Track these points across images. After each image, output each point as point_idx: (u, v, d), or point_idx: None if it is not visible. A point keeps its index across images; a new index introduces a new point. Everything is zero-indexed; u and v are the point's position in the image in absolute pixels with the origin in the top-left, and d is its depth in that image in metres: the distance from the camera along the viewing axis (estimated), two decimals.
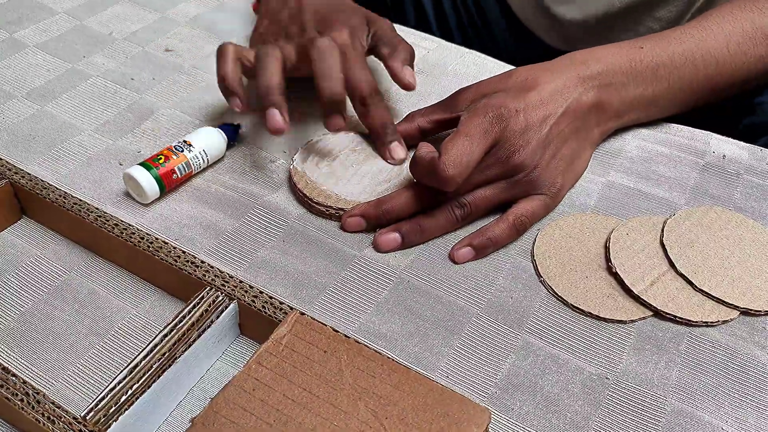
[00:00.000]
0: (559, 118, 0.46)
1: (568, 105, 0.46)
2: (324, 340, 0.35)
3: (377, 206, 0.45)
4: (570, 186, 0.49)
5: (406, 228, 0.45)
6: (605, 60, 0.49)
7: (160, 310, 0.42)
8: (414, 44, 0.64)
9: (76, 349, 0.39)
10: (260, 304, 0.38)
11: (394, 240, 0.45)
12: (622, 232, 0.45)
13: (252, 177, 0.50)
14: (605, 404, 0.37)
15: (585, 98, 0.47)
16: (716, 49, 0.51)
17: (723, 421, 0.36)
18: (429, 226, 0.45)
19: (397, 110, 0.57)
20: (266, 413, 0.32)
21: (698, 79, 0.51)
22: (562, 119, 0.46)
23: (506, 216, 0.45)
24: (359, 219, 0.46)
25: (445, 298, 0.42)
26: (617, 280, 0.43)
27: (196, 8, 0.69)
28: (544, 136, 0.45)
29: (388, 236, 0.45)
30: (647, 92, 0.50)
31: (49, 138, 0.53)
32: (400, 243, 0.45)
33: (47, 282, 0.43)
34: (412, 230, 0.45)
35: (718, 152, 0.53)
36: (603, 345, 0.40)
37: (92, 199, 0.47)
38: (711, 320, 0.41)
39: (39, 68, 0.60)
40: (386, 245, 0.45)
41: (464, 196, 0.45)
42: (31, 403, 0.34)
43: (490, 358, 0.39)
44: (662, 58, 0.50)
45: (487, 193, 0.45)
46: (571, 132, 0.47)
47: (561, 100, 0.46)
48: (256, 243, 0.45)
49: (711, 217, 0.46)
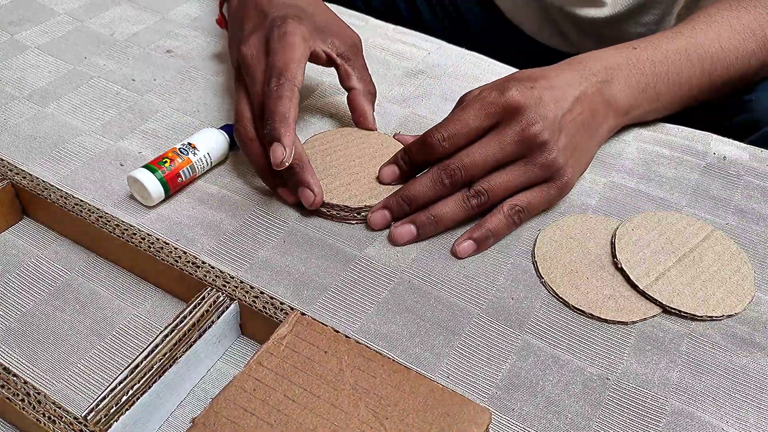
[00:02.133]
0: (571, 105, 0.46)
1: (577, 95, 0.46)
2: (325, 340, 0.35)
3: (396, 195, 0.45)
4: (577, 178, 0.48)
5: (422, 219, 0.45)
6: (604, 59, 0.49)
7: (161, 311, 0.42)
8: (414, 46, 0.65)
9: (77, 350, 0.39)
10: (261, 305, 0.38)
11: (409, 232, 0.45)
12: (627, 228, 0.45)
13: (253, 177, 0.50)
14: (606, 405, 0.37)
15: (590, 92, 0.47)
16: (709, 46, 0.51)
17: (723, 422, 0.36)
18: (444, 216, 0.45)
19: (398, 113, 0.57)
20: (267, 413, 0.32)
21: (696, 74, 0.51)
22: (574, 107, 0.46)
23: (501, 206, 0.45)
24: (383, 212, 0.45)
25: (445, 299, 0.42)
26: (623, 276, 0.43)
27: (197, 9, 0.69)
28: (559, 116, 0.44)
29: (403, 228, 0.45)
30: (649, 88, 0.50)
31: (51, 139, 0.53)
32: (415, 235, 0.45)
33: (48, 282, 0.43)
34: (428, 221, 0.45)
35: (719, 153, 0.53)
36: (604, 346, 0.40)
37: (93, 200, 0.47)
38: (716, 315, 0.41)
39: (40, 69, 0.60)
40: (401, 238, 0.45)
41: (481, 182, 0.44)
42: (32, 403, 0.34)
43: (491, 359, 0.39)
44: (657, 56, 0.50)
45: (504, 178, 0.44)
46: (582, 123, 0.47)
47: (570, 89, 0.46)
48: (256, 243, 0.45)
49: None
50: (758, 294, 0.43)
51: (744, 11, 0.53)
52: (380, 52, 0.64)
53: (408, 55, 0.64)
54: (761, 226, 0.47)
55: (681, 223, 0.46)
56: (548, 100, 0.44)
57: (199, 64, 0.61)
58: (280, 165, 0.43)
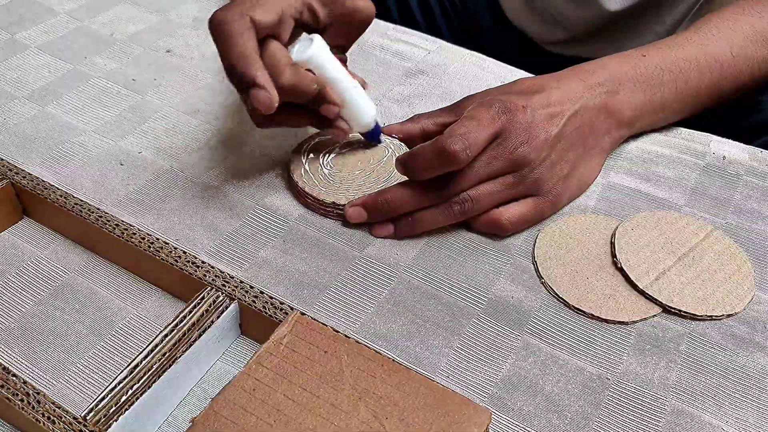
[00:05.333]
0: (567, 121, 0.45)
1: (575, 109, 0.46)
2: (324, 340, 0.35)
3: (377, 196, 0.45)
4: (574, 192, 0.48)
5: (401, 221, 0.45)
6: (610, 68, 0.49)
7: (160, 311, 0.42)
8: (415, 45, 0.65)
9: (76, 349, 0.39)
10: (261, 305, 0.38)
11: (387, 230, 0.45)
12: (627, 228, 0.45)
13: (252, 177, 0.50)
14: (605, 404, 0.37)
15: (593, 104, 0.47)
16: (719, 53, 0.51)
17: (723, 422, 0.36)
18: (423, 218, 0.45)
19: (398, 112, 0.57)
20: (266, 413, 0.32)
21: (704, 83, 0.51)
22: (570, 122, 0.46)
23: (489, 214, 0.45)
24: (359, 209, 0.45)
25: (445, 299, 0.42)
26: (623, 275, 0.43)
27: (198, 9, 0.69)
28: (551, 135, 0.44)
29: (381, 226, 0.45)
30: (655, 98, 0.50)
31: (51, 139, 0.53)
32: (392, 231, 0.45)
33: (48, 282, 0.43)
34: (406, 223, 0.45)
35: (718, 153, 0.53)
36: (603, 345, 0.40)
37: (93, 200, 0.47)
38: (716, 314, 0.41)
39: (40, 69, 0.60)
40: (379, 233, 0.46)
41: (467, 191, 0.44)
42: (32, 403, 0.34)
43: (491, 359, 0.39)
44: (666, 64, 0.50)
45: (489, 188, 0.44)
46: (578, 137, 0.47)
47: (568, 104, 0.46)
48: (256, 243, 0.45)
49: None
50: (758, 293, 0.43)
51: (757, 17, 0.52)
52: (380, 51, 0.64)
53: (408, 54, 0.64)
54: (761, 225, 0.47)
55: (680, 222, 0.46)
56: (540, 119, 0.44)
57: (199, 64, 0.61)
58: (271, 107, 0.41)
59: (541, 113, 0.44)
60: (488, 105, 0.44)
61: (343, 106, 0.46)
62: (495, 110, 0.43)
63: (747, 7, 0.53)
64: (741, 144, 0.54)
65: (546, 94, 0.46)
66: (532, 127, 0.44)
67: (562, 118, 0.45)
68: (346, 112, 0.47)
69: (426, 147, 0.42)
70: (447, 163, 0.41)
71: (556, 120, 0.45)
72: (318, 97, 0.44)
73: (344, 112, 0.46)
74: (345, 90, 0.46)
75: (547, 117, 0.45)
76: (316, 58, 0.44)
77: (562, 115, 0.45)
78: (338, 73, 0.45)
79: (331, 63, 0.45)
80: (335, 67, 0.45)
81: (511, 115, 0.43)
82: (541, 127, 0.44)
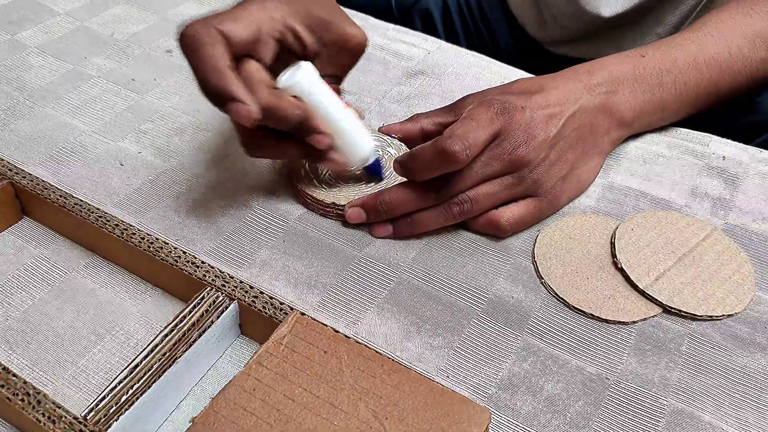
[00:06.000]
0: (565, 121, 0.45)
1: (574, 110, 0.46)
2: (324, 340, 0.35)
3: (376, 197, 0.45)
4: (573, 193, 0.48)
5: (399, 221, 0.45)
6: (609, 68, 0.49)
7: (160, 311, 0.42)
8: (415, 45, 0.65)
9: (76, 349, 0.39)
10: (260, 305, 0.38)
11: (385, 230, 0.45)
12: (627, 228, 0.45)
13: (252, 177, 0.50)
14: (605, 404, 0.37)
15: (592, 104, 0.47)
16: (718, 53, 0.51)
17: (723, 422, 0.36)
18: (422, 219, 0.45)
19: (398, 112, 0.57)
20: (266, 413, 0.32)
21: (703, 84, 0.51)
22: (568, 123, 0.46)
23: (487, 215, 0.45)
24: (359, 210, 0.45)
25: (445, 299, 0.42)
26: (623, 275, 0.43)
27: (198, 10, 0.69)
28: (550, 136, 0.44)
29: (380, 225, 0.45)
30: (654, 98, 0.50)
31: (50, 139, 0.53)
32: (391, 232, 0.45)
33: (48, 282, 0.43)
34: (404, 221, 0.45)
35: (718, 153, 0.53)
36: (603, 345, 0.40)
37: (93, 200, 0.47)
38: (716, 314, 0.41)
39: (40, 69, 0.60)
40: (378, 232, 0.46)
41: (466, 192, 0.44)
42: (32, 402, 0.34)
43: (491, 359, 0.39)
44: (665, 64, 0.50)
45: (488, 189, 0.44)
46: (577, 138, 0.47)
47: (567, 104, 0.46)
48: (256, 243, 0.45)
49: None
50: (758, 294, 0.43)
51: (757, 17, 0.52)
52: (380, 51, 0.64)
53: (408, 55, 0.64)
54: (761, 225, 0.47)
55: (681, 222, 0.46)
56: (538, 119, 0.44)
57: None
58: (253, 121, 0.39)
59: (540, 114, 0.44)
60: (487, 105, 0.44)
61: (336, 138, 0.43)
62: (494, 110, 0.43)
63: (746, 7, 0.53)
64: (741, 144, 0.54)
65: (545, 94, 0.46)
66: (531, 127, 0.44)
67: (561, 118, 0.45)
68: (340, 145, 0.44)
69: (425, 148, 0.42)
70: (446, 163, 0.41)
71: (555, 120, 0.45)
72: (305, 126, 0.42)
73: (338, 145, 0.44)
74: (338, 120, 0.43)
75: (546, 117, 0.45)
76: (302, 85, 0.41)
77: (561, 116, 0.45)
78: (329, 102, 0.42)
79: (321, 90, 0.42)
80: (325, 96, 0.42)
81: (510, 116, 0.43)
82: (540, 127, 0.44)
